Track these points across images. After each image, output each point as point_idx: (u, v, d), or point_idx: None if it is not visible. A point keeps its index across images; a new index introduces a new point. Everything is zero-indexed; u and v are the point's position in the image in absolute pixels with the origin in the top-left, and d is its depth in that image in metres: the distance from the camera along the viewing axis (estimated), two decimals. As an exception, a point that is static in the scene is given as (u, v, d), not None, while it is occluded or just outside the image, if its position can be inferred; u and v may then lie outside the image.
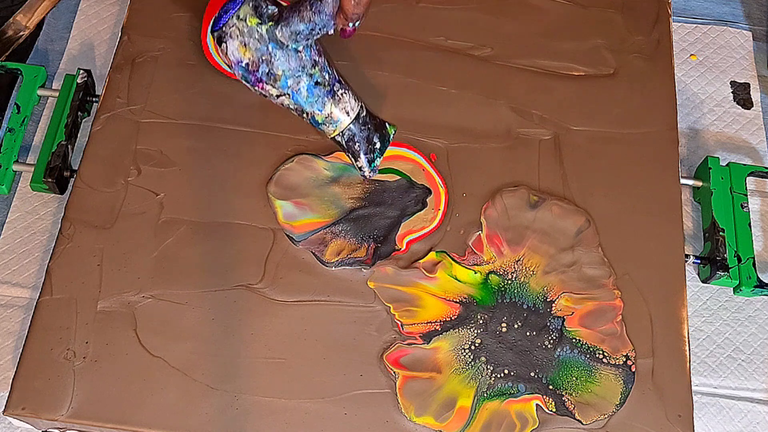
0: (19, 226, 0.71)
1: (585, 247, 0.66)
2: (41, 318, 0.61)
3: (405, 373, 0.60)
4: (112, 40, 0.80)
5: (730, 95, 0.81)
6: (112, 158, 0.68)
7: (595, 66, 0.74)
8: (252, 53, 0.57)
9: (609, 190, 0.69)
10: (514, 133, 0.71)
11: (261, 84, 0.58)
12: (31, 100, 0.74)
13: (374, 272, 0.64)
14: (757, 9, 0.87)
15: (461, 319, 0.62)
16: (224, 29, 0.57)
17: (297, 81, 0.58)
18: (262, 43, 0.57)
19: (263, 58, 0.57)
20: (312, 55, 0.59)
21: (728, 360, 0.69)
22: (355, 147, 0.62)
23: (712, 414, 0.67)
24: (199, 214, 0.66)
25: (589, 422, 0.60)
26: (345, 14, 0.56)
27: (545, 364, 0.61)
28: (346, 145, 0.62)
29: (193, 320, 0.62)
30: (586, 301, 0.64)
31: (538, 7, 0.77)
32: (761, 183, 0.77)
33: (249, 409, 0.59)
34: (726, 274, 0.69)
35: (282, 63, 0.57)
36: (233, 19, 0.56)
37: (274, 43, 0.57)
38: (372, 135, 0.62)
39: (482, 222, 0.66)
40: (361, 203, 0.66)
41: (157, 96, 0.71)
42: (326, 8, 0.56)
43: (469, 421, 0.59)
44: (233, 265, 0.64)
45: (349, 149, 0.62)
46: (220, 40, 0.57)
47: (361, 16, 0.57)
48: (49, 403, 0.59)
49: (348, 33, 0.58)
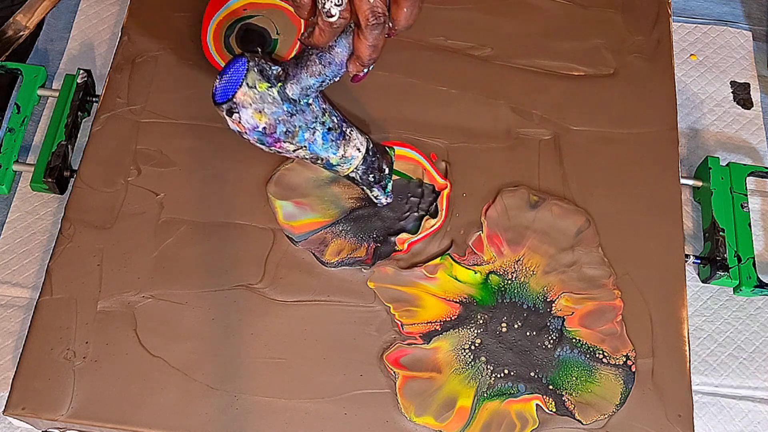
0: (19, 226, 0.71)
1: (585, 247, 0.66)
2: (41, 318, 0.61)
3: (405, 373, 0.60)
4: (112, 40, 0.80)
5: (730, 95, 0.81)
6: (112, 158, 0.68)
7: (595, 66, 0.74)
8: (267, 117, 0.55)
9: (609, 190, 0.69)
10: (514, 133, 0.71)
11: (279, 143, 0.56)
12: (31, 100, 0.74)
13: (374, 272, 0.64)
14: (757, 9, 0.87)
15: (461, 319, 0.62)
16: (235, 101, 0.54)
17: (312, 132, 0.57)
18: (276, 105, 0.55)
19: (279, 119, 0.55)
20: (320, 103, 0.57)
21: (729, 358, 0.69)
22: (369, 179, 0.62)
23: (712, 414, 0.67)
24: (199, 214, 0.66)
25: (589, 422, 0.60)
26: (360, 60, 0.53)
27: (545, 364, 0.61)
28: (361, 179, 0.62)
29: (193, 320, 0.62)
30: (586, 301, 0.64)
31: (538, 7, 0.77)
32: (761, 183, 0.77)
33: (249, 409, 0.59)
34: (726, 274, 0.69)
35: (297, 119, 0.56)
36: (243, 88, 0.53)
37: (288, 103, 0.55)
38: (380, 162, 0.62)
39: (482, 222, 0.66)
40: (361, 203, 0.66)
41: (157, 96, 0.71)
42: (336, 58, 0.54)
43: (469, 421, 0.59)
44: (233, 265, 0.64)
45: (363, 182, 0.62)
46: (230, 111, 0.54)
47: (376, 60, 0.54)
48: (49, 403, 0.59)
49: (360, 78, 0.56)
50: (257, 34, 0.72)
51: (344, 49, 0.53)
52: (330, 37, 0.52)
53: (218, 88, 0.55)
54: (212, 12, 0.72)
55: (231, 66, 0.55)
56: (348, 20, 0.51)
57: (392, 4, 0.50)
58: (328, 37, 0.52)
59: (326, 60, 0.54)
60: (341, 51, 0.53)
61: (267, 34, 0.72)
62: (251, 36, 0.72)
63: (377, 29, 0.50)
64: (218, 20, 0.72)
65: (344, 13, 0.50)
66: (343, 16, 0.50)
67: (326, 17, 0.50)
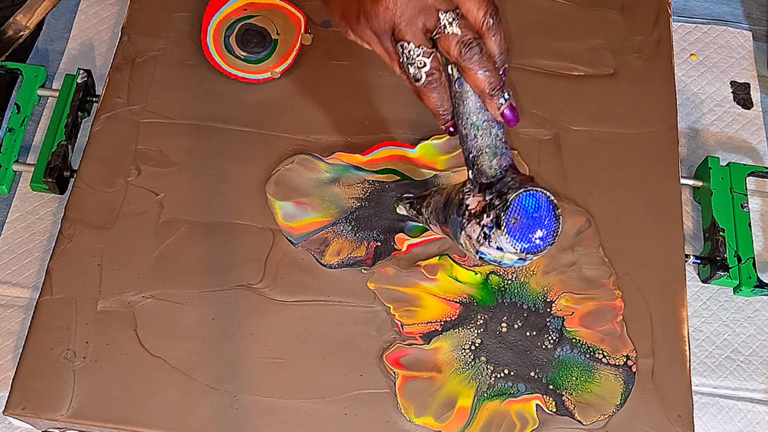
0: (19, 226, 0.71)
1: (585, 248, 0.66)
2: (41, 318, 0.61)
3: (405, 373, 0.60)
4: (112, 40, 0.80)
5: (730, 95, 0.81)
6: (112, 158, 0.68)
7: (595, 66, 0.74)
8: None
9: (609, 190, 0.69)
10: (514, 133, 0.71)
11: None
12: (31, 100, 0.74)
13: (374, 273, 0.64)
14: (757, 9, 0.87)
15: (461, 319, 0.62)
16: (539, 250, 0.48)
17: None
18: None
19: None
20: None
21: (727, 361, 0.69)
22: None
23: (712, 414, 0.67)
24: (199, 214, 0.66)
25: (589, 422, 0.60)
26: (485, 94, 0.49)
27: (545, 364, 0.61)
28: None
29: (193, 320, 0.62)
30: (586, 301, 0.64)
31: (538, 7, 0.77)
32: (761, 183, 0.77)
33: (249, 409, 0.59)
34: (726, 274, 0.69)
35: None
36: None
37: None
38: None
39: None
40: (361, 203, 0.66)
41: (157, 96, 0.70)
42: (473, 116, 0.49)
43: (469, 422, 0.59)
44: (233, 265, 0.64)
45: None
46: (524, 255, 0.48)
47: (502, 86, 0.49)
48: (49, 403, 0.59)
49: (513, 117, 0.50)
50: (257, 34, 0.72)
51: (472, 102, 0.50)
52: (438, 95, 0.51)
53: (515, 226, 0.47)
54: (212, 12, 0.72)
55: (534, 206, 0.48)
56: (440, 70, 0.50)
57: (481, 38, 0.49)
58: (437, 96, 0.51)
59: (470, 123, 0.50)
60: (472, 105, 0.50)
61: (267, 34, 0.72)
62: (251, 36, 0.72)
63: (474, 54, 0.48)
64: (218, 20, 0.72)
65: (432, 69, 0.49)
66: (431, 73, 0.49)
67: (418, 83, 0.50)
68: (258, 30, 0.72)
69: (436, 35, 0.48)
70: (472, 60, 0.48)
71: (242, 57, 0.71)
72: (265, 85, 0.72)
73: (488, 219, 0.47)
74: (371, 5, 0.49)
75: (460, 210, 0.50)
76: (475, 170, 0.50)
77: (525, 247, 0.47)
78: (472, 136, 0.50)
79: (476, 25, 0.48)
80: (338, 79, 0.72)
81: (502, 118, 0.50)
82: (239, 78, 0.71)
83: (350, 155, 0.68)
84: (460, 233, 0.50)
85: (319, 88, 0.72)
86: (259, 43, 0.72)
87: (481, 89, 0.49)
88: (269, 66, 0.71)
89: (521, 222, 0.47)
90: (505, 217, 0.46)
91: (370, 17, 0.49)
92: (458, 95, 0.50)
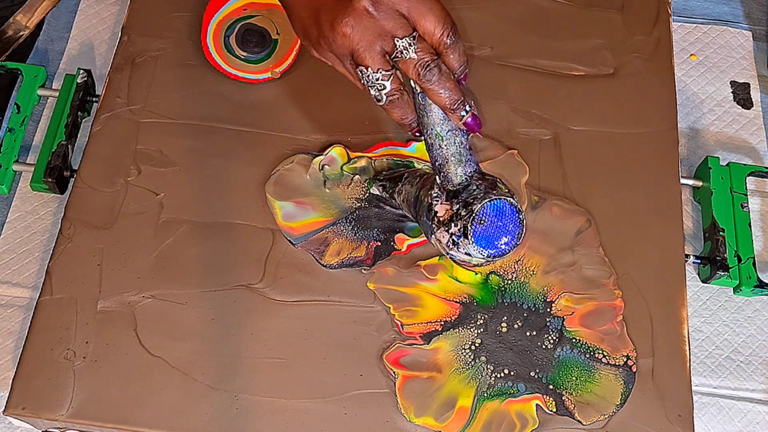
0: (19, 226, 0.71)
1: (585, 248, 0.66)
2: (41, 318, 0.61)
3: (405, 373, 0.60)
4: (112, 40, 0.80)
5: (730, 95, 0.81)
6: (112, 158, 0.68)
7: (595, 66, 0.74)
8: None
9: (609, 190, 0.69)
10: (514, 133, 0.71)
11: None
12: (31, 100, 0.74)
13: (374, 273, 0.64)
14: (757, 9, 0.87)
15: (461, 319, 0.62)
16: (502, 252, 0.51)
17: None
18: None
19: None
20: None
21: (727, 361, 0.69)
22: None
23: (712, 414, 0.67)
24: (199, 214, 0.66)
25: (589, 422, 0.60)
26: (447, 109, 0.50)
27: (545, 364, 0.61)
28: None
29: (193, 320, 0.62)
30: (586, 301, 0.64)
31: (537, 7, 0.77)
32: (761, 183, 0.77)
33: (249, 409, 0.59)
34: (726, 274, 0.69)
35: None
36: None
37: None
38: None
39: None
40: (361, 203, 0.66)
41: (157, 96, 0.70)
42: (437, 127, 0.51)
43: (469, 422, 0.59)
44: (233, 265, 0.64)
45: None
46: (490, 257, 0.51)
47: (462, 101, 0.50)
48: (49, 403, 0.59)
49: (475, 125, 0.51)
50: (257, 34, 0.72)
51: (435, 113, 0.52)
52: (401, 110, 0.52)
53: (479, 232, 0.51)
54: (212, 12, 0.72)
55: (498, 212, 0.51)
56: (401, 90, 0.51)
57: (441, 57, 0.50)
58: (400, 111, 0.52)
59: (434, 133, 0.52)
60: (435, 116, 0.52)
61: (267, 34, 0.72)
62: (251, 36, 0.72)
63: (433, 76, 0.49)
64: (218, 20, 0.72)
65: (393, 91, 0.51)
66: (391, 94, 0.51)
67: (379, 103, 0.52)
68: (258, 30, 0.72)
69: (394, 59, 0.50)
70: (431, 81, 0.49)
71: (242, 57, 0.71)
72: (265, 85, 0.72)
73: (456, 228, 0.50)
74: (329, 31, 0.50)
75: (430, 215, 0.53)
76: (441, 177, 0.52)
77: (491, 252, 0.50)
78: (437, 145, 0.52)
79: (434, 44, 0.49)
80: (338, 79, 0.71)
81: (465, 127, 0.51)
82: (239, 78, 0.71)
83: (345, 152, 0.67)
84: (431, 236, 0.53)
85: (319, 88, 0.72)
86: (259, 43, 0.72)
87: (442, 105, 0.50)
88: (269, 66, 0.71)
89: (487, 231, 0.50)
90: (472, 228, 0.50)
91: (329, 42, 0.51)
92: (422, 107, 0.51)
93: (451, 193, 0.52)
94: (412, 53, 0.49)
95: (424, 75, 0.49)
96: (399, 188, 0.60)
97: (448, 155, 0.52)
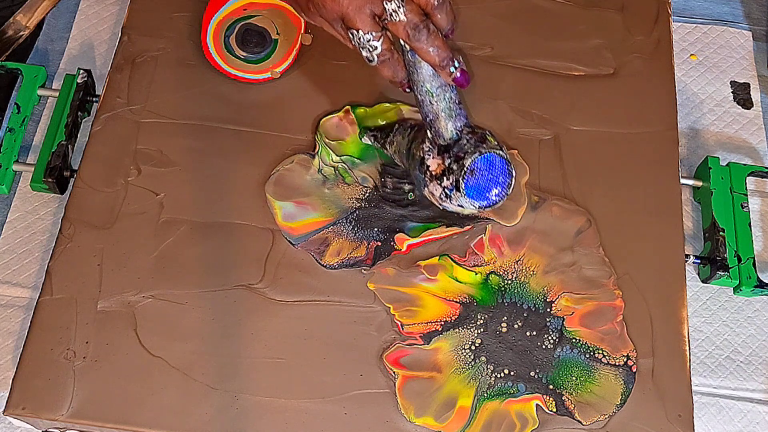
0: (19, 226, 0.71)
1: (585, 248, 0.66)
2: (41, 318, 0.61)
3: (405, 373, 0.60)
4: (112, 40, 0.80)
5: (730, 95, 0.81)
6: (112, 158, 0.68)
7: (595, 66, 0.74)
8: None
9: (609, 190, 0.69)
10: (514, 133, 0.71)
11: None
12: (31, 100, 0.74)
13: (374, 273, 0.64)
14: (757, 9, 0.87)
15: (461, 319, 0.62)
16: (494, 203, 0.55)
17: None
18: None
19: None
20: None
21: (727, 361, 0.69)
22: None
23: (712, 414, 0.67)
24: (199, 214, 0.66)
25: (589, 422, 0.60)
26: (437, 66, 0.53)
27: (545, 363, 0.61)
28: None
29: (193, 320, 0.62)
30: (586, 301, 0.64)
31: (537, 7, 0.77)
32: (761, 183, 0.77)
33: (249, 409, 0.59)
34: (726, 274, 0.69)
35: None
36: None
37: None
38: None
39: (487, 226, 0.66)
40: (361, 203, 0.66)
41: (157, 96, 0.71)
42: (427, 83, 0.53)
43: (469, 422, 0.59)
44: (233, 265, 0.64)
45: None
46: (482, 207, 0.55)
47: (451, 57, 0.52)
48: (49, 403, 0.59)
49: (463, 79, 0.54)
50: (257, 34, 0.72)
51: (425, 70, 0.53)
52: (392, 69, 0.54)
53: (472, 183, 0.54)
54: (212, 12, 0.72)
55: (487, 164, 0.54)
56: (391, 50, 0.53)
57: (429, 17, 0.52)
58: (391, 70, 0.54)
59: (424, 90, 0.54)
60: (425, 73, 0.54)
61: (267, 34, 0.72)
62: (251, 36, 0.72)
63: (422, 36, 0.51)
64: (218, 20, 0.72)
65: (384, 51, 0.53)
66: (383, 55, 0.53)
67: (371, 63, 0.53)
68: (258, 30, 0.72)
69: (384, 21, 0.51)
70: (420, 41, 0.51)
71: (242, 57, 0.71)
72: (265, 85, 0.72)
73: (448, 182, 0.53)
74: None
75: (422, 168, 0.55)
76: (433, 132, 0.55)
77: (483, 204, 0.54)
78: (428, 101, 0.54)
79: (422, 5, 0.51)
80: (338, 79, 0.72)
81: (454, 82, 0.54)
82: (239, 78, 0.71)
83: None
84: (424, 188, 0.56)
85: (319, 88, 0.72)
86: (259, 43, 0.72)
87: (432, 63, 0.52)
88: (269, 66, 0.71)
89: (478, 183, 0.53)
90: (463, 182, 0.53)
91: (319, 7, 0.53)
92: (411, 64, 0.53)
93: (442, 148, 0.54)
94: (401, 15, 0.51)
95: (413, 35, 0.51)
96: (390, 139, 0.62)
97: (438, 111, 0.54)
